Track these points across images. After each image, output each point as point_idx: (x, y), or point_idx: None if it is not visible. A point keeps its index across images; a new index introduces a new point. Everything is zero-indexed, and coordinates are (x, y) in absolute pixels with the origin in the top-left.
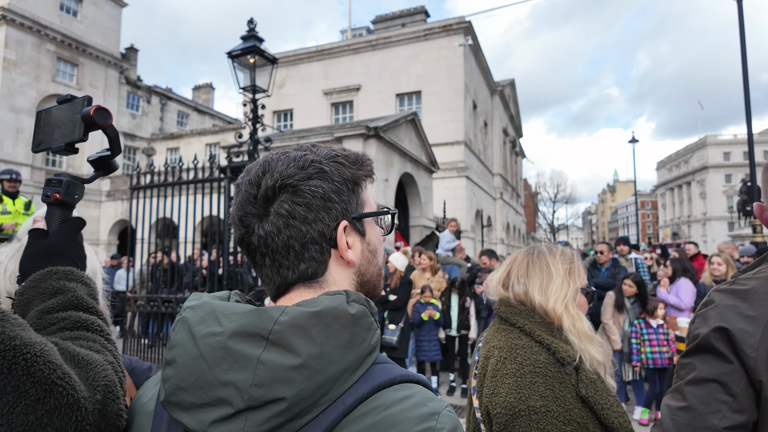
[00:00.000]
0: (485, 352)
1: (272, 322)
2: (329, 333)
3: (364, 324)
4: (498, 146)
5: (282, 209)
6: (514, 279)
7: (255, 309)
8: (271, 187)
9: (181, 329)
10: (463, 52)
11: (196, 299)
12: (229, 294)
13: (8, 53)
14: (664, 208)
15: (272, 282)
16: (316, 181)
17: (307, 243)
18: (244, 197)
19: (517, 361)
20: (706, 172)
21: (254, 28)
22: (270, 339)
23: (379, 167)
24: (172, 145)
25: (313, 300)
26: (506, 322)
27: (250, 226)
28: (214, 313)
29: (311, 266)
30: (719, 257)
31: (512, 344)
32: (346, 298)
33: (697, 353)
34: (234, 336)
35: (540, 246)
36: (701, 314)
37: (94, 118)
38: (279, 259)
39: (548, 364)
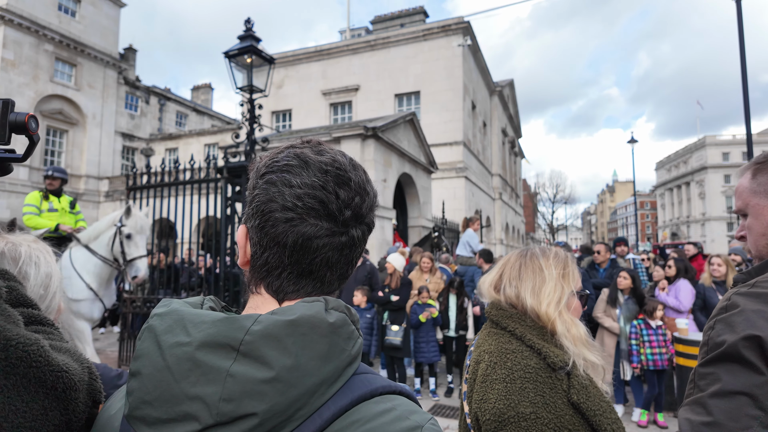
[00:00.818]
0: (476, 357)
1: (243, 331)
2: (305, 343)
3: (344, 333)
4: (497, 146)
5: (370, 221)
6: (506, 282)
7: (226, 317)
8: (373, 202)
9: (147, 338)
10: (462, 53)
11: (165, 306)
12: (202, 300)
13: (6, 53)
14: (664, 208)
15: (307, 287)
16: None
17: (358, 258)
18: (350, 195)
19: (507, 366)
20: (705, 173)
21: (251, 27)
22: (241, 350)
23: (377, 168)
24: (171, 146)
25: (289, 308)
26: (497, 325)
27: (348, 225)
28: (182, 321)
29: (345, 280)
30: (719, 258)
31: (503, 348)
32: (324, 306)
33: (722, 362)
34: (202, 346)
35: (533, 248)
36: (724, 319)
37: (28, 125)
38: (345, 266)
39: (539, 369)
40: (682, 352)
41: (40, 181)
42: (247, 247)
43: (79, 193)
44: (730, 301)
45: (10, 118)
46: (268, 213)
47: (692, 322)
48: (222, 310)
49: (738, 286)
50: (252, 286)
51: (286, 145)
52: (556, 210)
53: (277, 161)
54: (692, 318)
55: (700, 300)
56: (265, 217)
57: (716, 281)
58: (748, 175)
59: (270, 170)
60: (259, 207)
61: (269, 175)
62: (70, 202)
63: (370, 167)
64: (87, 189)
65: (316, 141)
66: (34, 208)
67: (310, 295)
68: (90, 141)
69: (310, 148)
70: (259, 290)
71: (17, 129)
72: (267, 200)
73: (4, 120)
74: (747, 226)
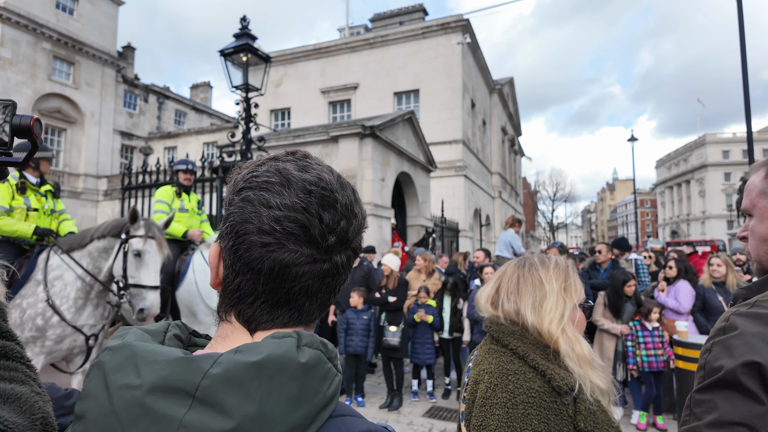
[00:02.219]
0: (474, 376)
1: (200, 375)
2: (272, 387)
3: (318, 373)
4: (497, 145)
5: (356, 245)
6: (504, 296)
7: (181, 358)
8: (361, 224)
9: (95, 376)
10: (461, 50)
11: (119, 337)
12: (166, 327)
13: (3, 52)
14: (664, 206)
15: (284, 316)
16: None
17: (341, 286)
18: (335, 218)
19: (509, 390)
20: (706, 171)
21: (247, 25)
22: (197, 396)
23: (375, 166)
24: (170, 144)
25: (255, 345)
26: (497, 342)
27: (332, 252)
28: (134, 358)
29: (327, 308)
30: (719, 258)
31: (504, 369)
32: (296, 342)
33: (720, 390)
34: (153, 391)
35: (532, 258)
36: (721, 342)
37: (33, 129)
38: (329, 295)
39: (543, 393)
40: (681, 355)
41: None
42: (220, 267)
43: (78, 192)
44: (728, 322)
45: (14, 121)
46: (243, 235)
47: (692, 324)
48: (188, 338)
49: (738, 304)
50: (222, 312)
51: (269, 156)
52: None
53: (256, 176)
54: (692, 319)
55: (700, 301)
56: (239, 239)
57: (716, 282)
58: (761, 173)
59: (248, 185)
60: (234, 227)
61: (246, 191)
62: (198, 201)
63: (368, 166)
64: (85, 188)
65: (302, 153)
66: (166, 206)
67: (286, 326)
68: (88, 139)
69: (294, 162)
70: (229, 318)
71: (21, 133)
72: (242, 221)
73: (7, 123)
74: (750, 227)
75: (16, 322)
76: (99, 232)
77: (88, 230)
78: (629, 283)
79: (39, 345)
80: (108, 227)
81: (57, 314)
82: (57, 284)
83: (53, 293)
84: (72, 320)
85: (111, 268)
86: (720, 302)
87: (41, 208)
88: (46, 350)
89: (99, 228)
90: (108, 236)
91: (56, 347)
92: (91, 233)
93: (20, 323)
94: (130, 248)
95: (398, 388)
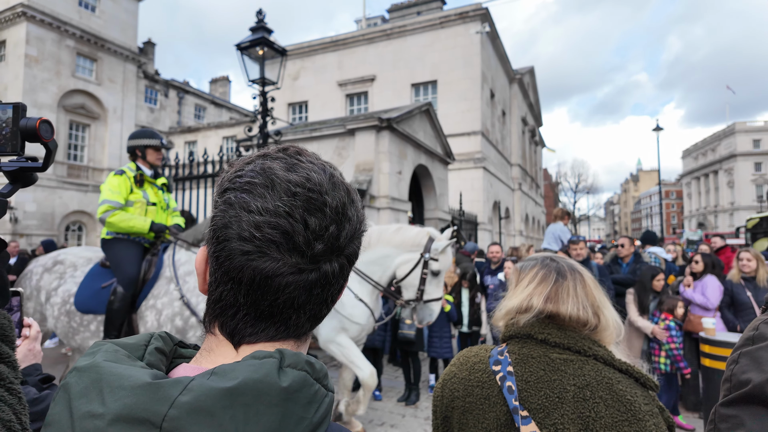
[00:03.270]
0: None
1: (168, 403)
2: (248, 417)
3: (302, 397)
4: (516, 136)
5: (350, 251)
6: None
7: (148, 384)
8: (358, 229)
9: (61, 401)
10: (480, 40)
11: (90, 354)
12: (147, 340)
13: (29, 50)
14: (690, 197)
15: (270, 329)
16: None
17: (337, 296)
18: (322, 223)
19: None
20: (735, 161)
21: (263, 19)
22: (163, 428)
23: (392, 159)
24: (190, 139)
25: (231, 368)
26: (569, 350)
27: (319, 261)
28: (99, 383)
29: (322, 319)
30: (748, 252)
31: (601, 378)
32: (277, 363)
33: (746, 405)
34: (117, 421)
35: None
36: (749, 353)
37: (39, 132)
38: (320, 307)
39: (645, 396)
40: (708, 353)
41: (65, 174)
42: (207, 273)
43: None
44: (757, 331)
45: (21, 125)
46: (223, 241)
47: (719, 320)
48: (174, 350)
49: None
50: (207, 323)
51: (260, 153)
52: (578, 200)
53: (240, 176)
54: (719, 316)
55: (728, 297)
56: (220, 246)
57: (746, 277)
58: None
59: (231, 186)
60: (216, 232)
61: (229, 193)
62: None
63: (385, 159)
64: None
65: (295, 150)
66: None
67: (273, 340)
68: (111, 135)
69: (283, 159)
70: (213, 330)
71: (29, 137)
72: (223, 225)
73: (15, 127)
74: None
75: (153, 325)
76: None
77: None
78: (658, 277)
79: None
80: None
81: (194, 314)
82: (190, 280)
83: (186, 290)
84: None
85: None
86: (749, 298)
87: (159, 202)
88: None
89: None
90: None
91: None
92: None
93: (158, 326)
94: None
95: (416, 382)
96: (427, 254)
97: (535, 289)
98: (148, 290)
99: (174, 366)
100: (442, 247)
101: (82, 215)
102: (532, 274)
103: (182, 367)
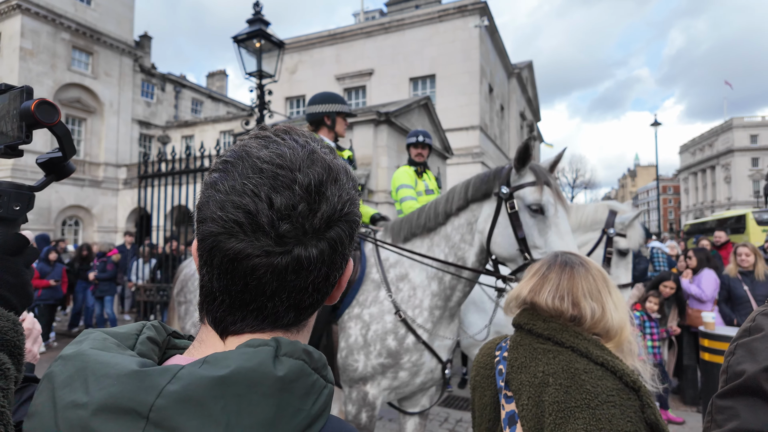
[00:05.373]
0: (531, 379)
1: (155, 392)
2: (241, 408)
3: (300, 388)
4: (515, 130)
5: (334, 236)
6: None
7: (135, 372)
8: (339, 210)
9: (44, 391)
10: (479, 34)
11: (77, 343)
12: (139, 329)
13: (24, 42)
14: (687, 193)
15: (249, 318)
16: (358, 209)
17: (332, 284)
18: (289, 201)
19: (587, 390)
20: (732, 156)
21: (260, 11)
22: (150, 418)
23: (390, 154)
24: (187, 133)
25: (224, 356)
26: (550, 341)
27: (287, 243)
28: (84, 371)
29: (314, 310)
30: (746, 247)
31: (571, 369)
32: (273, 352)
33: (742, 396)
34: (101, 411)
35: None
36: (745, 344)
37: (35, 114)
38: (297, 296)
39: (618, 390)
40: (707, 347)
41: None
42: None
43: (99, 181)
44: (754, 322)
45: (22, 108)
46: (200, 223)
47: (717, 315)
48: (167, 340)
49: (766, 303)
50: (200, 312)
51: (251, 134)
52: (576, 195)
53: (221, 156)
54: (717, 310)
55: (725, 291)
56: (198, 228)
57: (743, 272)
58: None
59: (213, 168)
60: (196, 214)
61: (211, 174)
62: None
63: (383, 153)
64: (106, 176)
65: (284, 128)
66: (413, 191)
67: (258, 331)
68: (108, 129)
69: (265, 138)
70: (203, 319)
71: (29, 122)
72: (199, 206)
73: (16, 111)
74: None
75: (358, 342)
76: (456, 202)
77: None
78: (665, 283)
79: (390, 377)
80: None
81: (412, 332)
82: (404, 288)
83: (400, 300)
84: (430, 341)
85: (483, 250)
86: (745, 292)
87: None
88: (397, 384)
89: (451, 196)
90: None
91: (410, 381)
92: (442, 207)
93: (364, 343)
94: (522, 203)
95: None
96: (612, 229)
97: (528, 282)
98: (352, 296)
99: (167, 357)
100: (630, 220)
101: (79, 210)
102: (534, 269)
103: (175, 359)
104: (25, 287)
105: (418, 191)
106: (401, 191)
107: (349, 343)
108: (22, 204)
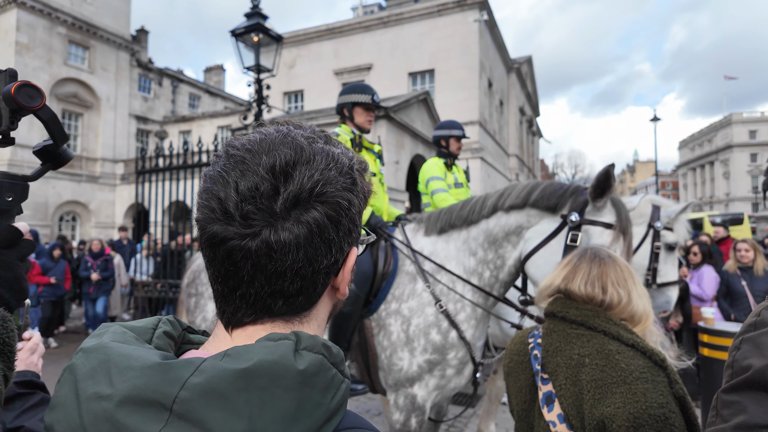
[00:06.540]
0: (567, 361)
1: (178, 385)
2: (264, 401)
3: (320, 382)
4: (514, 126)
5: (310, 219)
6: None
7: (158, 364)
8: (308, 190)
9: (66, 382)
10: (479, 28)
11: (97, 336)
12: (155, 324)
13: (20, 37)
14: (686, 188)
15: (242, 307)
16: (348, 195)
17: (320, 271)
18: (251, 183)
19: (621, 368)
20: (731, 151)
21: (258, 4)
22: (174, 410)
23: (389, 149)
24: (185, 128)
25: (245, 349)
26: (583, 326)
27: (253, 225)
28: (107, 364)
29: (308, 299)
30: (746, 243)
31: (605, 350)
32: (294, 346)
33: (748, 391)
34: (125, 403)
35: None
36: (751, 339)
37: (16, 98)
38: (277, 282)
39: (649, 367)
40: (707, 343)
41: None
42: None
43: (96, 177)
44: (759, 317)
45: (3, 92)
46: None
47: (717, 311)
48: (183, 335)
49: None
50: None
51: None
52: None
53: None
54: (716, 305)
55: (724, 287)
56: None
57: (743, 267)
58: None
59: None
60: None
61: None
62: (465, 173)
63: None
64: (103, 172)
65: (283, 122)
66: (444, 183)
67: (257, 322)
68: (105, 124)
69: (255, 129)
70: (216, 314)
71: (12, 107)
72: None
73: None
74: None
75: (400, 338)
76: (512, 199)
77: (476, 198)
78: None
79: (437, 375)
80: (537, 192)
81: (455, 327)
82: (442, 278)
83: (439, 292)
84: (472, 339)
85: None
86: (743, 287)
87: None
88: (444, 383)
89: (507, 192)
90: (533, 206)
91: (456, 379)
92: (492, 200)
93: (406, 339)
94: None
95: None
96: (658, 223)
97: (560, 272)
98: (387, 290)
99: (182, 352)
100: (676, 213)
101: (76, 205)
102: (566, 261)
103: (191, 353)
104: (18, 281)
105: (447, 184)
106: (432, 183)
107: (392, 341)
108: (16, 194)
